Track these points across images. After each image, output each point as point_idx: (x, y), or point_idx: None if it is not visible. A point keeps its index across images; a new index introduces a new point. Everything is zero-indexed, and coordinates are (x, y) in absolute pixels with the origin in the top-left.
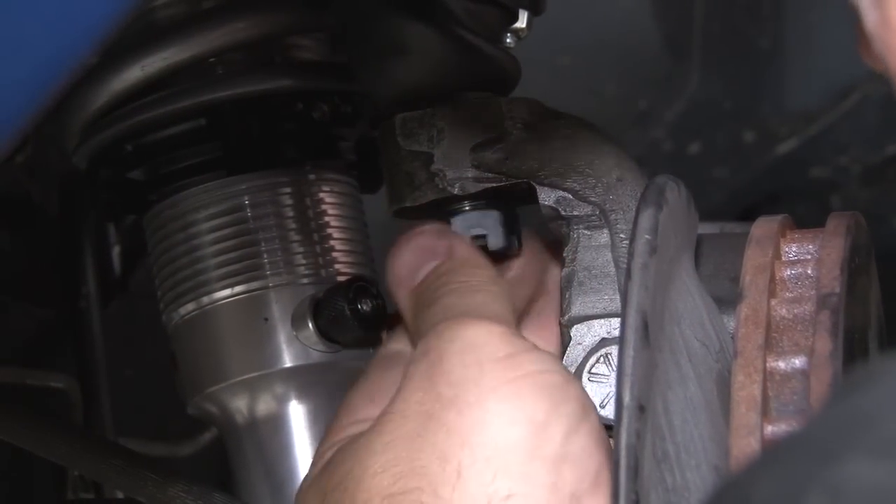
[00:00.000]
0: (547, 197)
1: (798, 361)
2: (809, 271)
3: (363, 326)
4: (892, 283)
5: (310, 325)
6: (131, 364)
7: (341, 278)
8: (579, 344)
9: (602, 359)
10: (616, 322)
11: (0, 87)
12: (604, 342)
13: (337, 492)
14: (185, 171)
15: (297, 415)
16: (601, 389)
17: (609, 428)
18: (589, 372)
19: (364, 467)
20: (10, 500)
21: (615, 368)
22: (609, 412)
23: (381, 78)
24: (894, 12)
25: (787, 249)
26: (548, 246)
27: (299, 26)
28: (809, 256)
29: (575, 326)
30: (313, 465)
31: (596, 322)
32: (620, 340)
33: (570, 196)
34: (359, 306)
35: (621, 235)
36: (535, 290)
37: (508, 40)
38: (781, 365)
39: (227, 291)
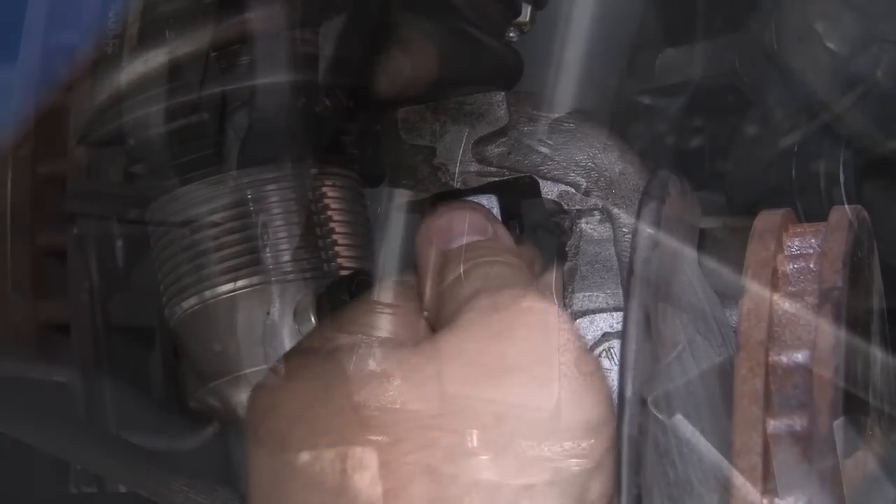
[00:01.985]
0: (550, 191)
1: (800, 355)
2: (812, 265)
3: None
4: (894, 276)
5: (312, 319)
6: (134, 358)
7: (344, 272)
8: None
9: (604, 353)
10: (618, 316)
11: (3, 82)
12: (606, 336)
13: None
14: (188, 166)
15: None
16: None
17: None
18: None
19: (409, 386)
20: (12, 494)
21: (617, 362)
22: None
23: (384, 72)
24: None
25: (789, 243)
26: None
27: (302, 21)
28: (812, 250)
29: (577, 320)
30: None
31: (598, 316)
32: (623, 334)
33: (573, 190)
34: None
35: (624, 230)
36: None
37: (511, 34)
38: (784, 359)
39: (229, 286)
